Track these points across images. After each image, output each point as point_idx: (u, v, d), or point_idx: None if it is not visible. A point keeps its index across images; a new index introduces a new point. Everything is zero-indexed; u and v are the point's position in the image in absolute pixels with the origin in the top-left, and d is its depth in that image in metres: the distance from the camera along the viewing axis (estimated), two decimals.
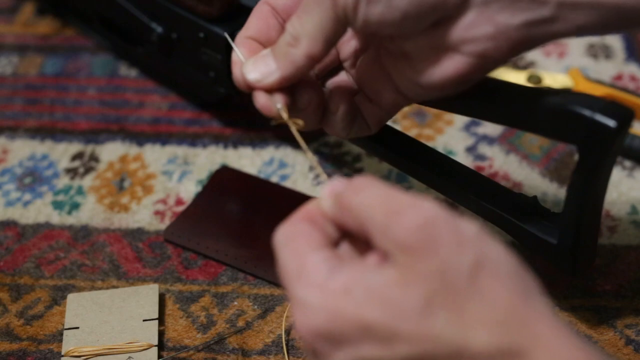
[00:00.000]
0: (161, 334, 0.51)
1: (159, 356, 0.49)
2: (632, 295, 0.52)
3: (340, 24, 0.39)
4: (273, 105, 0.41)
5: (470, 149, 0.63)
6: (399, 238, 0.32)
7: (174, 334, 0.51)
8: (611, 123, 0.39)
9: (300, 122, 0.41)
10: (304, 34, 0.40)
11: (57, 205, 0.61)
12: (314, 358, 0.34)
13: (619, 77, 0.70)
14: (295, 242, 0.34)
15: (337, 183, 0.35)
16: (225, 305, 0.53)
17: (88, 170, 0.64)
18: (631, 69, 0.70)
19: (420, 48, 0.40)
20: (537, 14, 0.37)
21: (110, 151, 0.65)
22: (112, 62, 0.74)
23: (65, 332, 0.50)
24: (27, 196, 0.62)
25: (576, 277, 0.52)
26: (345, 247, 0.35)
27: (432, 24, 0.39)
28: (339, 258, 0.33)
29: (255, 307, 0.53)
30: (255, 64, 0.41)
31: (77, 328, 0.51)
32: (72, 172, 0.63)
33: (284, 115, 0.41)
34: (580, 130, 0.40)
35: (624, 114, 0.40)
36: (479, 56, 0.39)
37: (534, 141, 0.64)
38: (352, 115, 0.46)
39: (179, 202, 0.60)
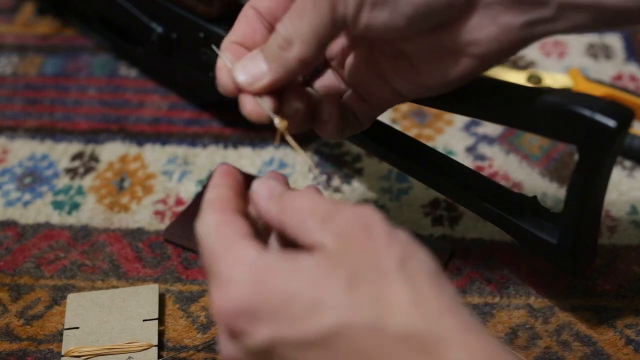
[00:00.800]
0: (161, 334, 0.51)
1: (159, 356, 0.49)
2: (632, 295, 0.52)
3: (337, 28, 0.38)
4: (262, 110, 0.40)
5: (470, 149, 0.63)
6: (338, 227, 0.33)
7: (174, 334, 0.51)
8: (611, 123, 0.39)
9: (285, 122, 0.41)
10: (297, 37, 0.39)
11: (57, 205, 0.61)
12: (230, 341, 0.34)
13: (619, 77, 0.70)
14: (222, 229, 0.36)
15: (273, 184, 0.38)
16: None
17: (88, 170, 0.64)
18: (631, 69, 0.70)
19: (421, 49, 0.40)
20: (539, 14, 0.37)
21: (110, 151, 0.65)
22: (112, 62, 0.74)
23: (65, 332, 0.50)
24: (27, 196, 0.62)
25: (576, 277, 0.52)
26: (273, 244, 0.37)
27: (435, 27, 0.38)
28: (265, 247, 0.35)
29: None
30: (245, 67, 0.40)
31: (77, 328, 0.51)
32: (72, 172, 0.63)
33: (275, 119, 0.40)
34: (580, 130, 0.40)
35: (624, 114, 0.40)
36: (482, 57, 0.39)
37: (534, 141, 0.64)
38: (344, 118, 0.46)
39: (179, 202, 0.60)
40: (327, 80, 0.47)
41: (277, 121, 0.40)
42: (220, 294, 0.33)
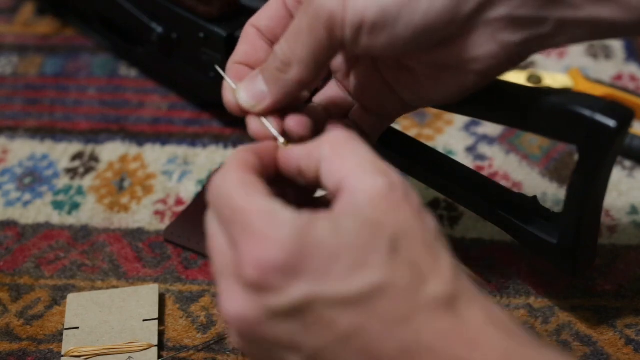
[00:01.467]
0: (161, 334, 0.51)
1: (159, 356, 0.49)
2: (632, 295, 0.52)
3: (334, 50, 0.38)
4: (267, 130, 0.40)
5: (470, 149, 0.64)
6: (380, 191, 0.34)
7: (174, 334, 0.51)
8: (611, 123, 0.39)
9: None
10: (294, 60, 0.38)
11: (57, 205, 0.61)
12: (250, 298, 0.33)
13: (618, 77, 0.70)
14: (251, 188, 0.35)
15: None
16: None
17: (88, 170, 0.64)
18: (631, 69, 0.70)
19: (426, 64, 0.40)
20: (537, 31, 0.38)
21: (110, 151, 0.65)
22: (112, 62, 0.74)
23: (65, 332, 0.50)
24: (27, 196, 0.62)
25: (576, 277, 0.52)
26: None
27: (437, 45, 0.38)
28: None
29: None
30: (247, 89, 0.41)
31: (77, 328, 0.51)
32: (72, 172, 0.63)
33: (280, 139, 0.40)
34: (580, 130, 0.40)
35: (624, 114, 0.40)
36: (482, 73, 0.39)
37: (534, 141, 0.64)
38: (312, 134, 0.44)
39: (179, 202, 0.60)
40: (332, 92, 0.47)
41: (282, 141, 0.40)
42: (257, 248, 0.32)
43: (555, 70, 0.70)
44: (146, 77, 0.72)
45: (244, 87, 0.41)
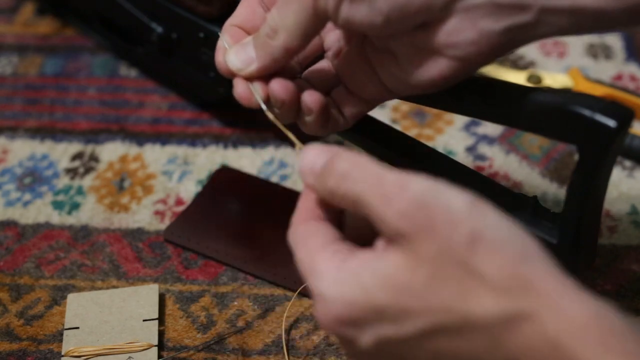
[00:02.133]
0: (161, 334, 0.51)
1: (159, 356, 0.49)
2: (632, 295, 0.52)
3: (320, 19, 0.39)
4: (252, 94, 0.42)
5: (470, 149, 0.63)
6: (393, 226, 0.33)
7: (174, 334, 0.51)
8: (611, 123, 0.39)
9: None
10: (282, 27, 0.40)
11: (57, 205, 0.61)
12: (343, 344, 0.36)
13: (619, 77, 0.70)
14: (305, 241, 0.36)
15: (313, 157, 0.37)
16: (225, 305, 0.53)
17: (88, 170, 0.64)
18: (631, 69, 0.70)
19: (405, 48, 0.41)
20: (519, 19, 0.38)
21: (110, 151, 0.65)
22: (112, 62, 0.74)
23: (65, 332, 0.50)
24: (27, 196, 0.62)
25: (576, 277, 0.52)
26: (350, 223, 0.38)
27: (416, 26, 0.39)
28: (348, 249, 0.35)
29: (255, 307, 0.53)
30: (237, 53, 0.42)
31: (77, 328, 0.51)
32: (72, 172, 0.63)
33: (262, 104, 0.42)
34: (580, 130, 0.40)
35: (624, 114, 0.40)
36: (462, 60, 0.39)
37: (534, 141, 0.64)
38: (327, 112, 0.46)
39: (179, 202, 0.60)
40: (321, 69, 0.47)
41: (265, 107, 0.42)
42: (320, 307, 0.34)
43: (555, 70, 0.70)
44: (146, 77, 0.72)
45: (234, 51, 0.43)
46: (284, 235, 0.57)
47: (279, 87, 0.42)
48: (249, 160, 0.64)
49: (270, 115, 0.42)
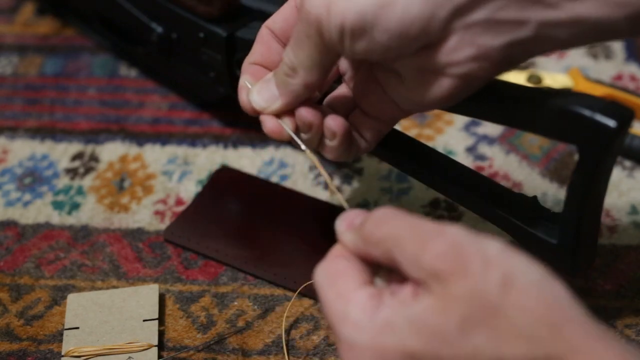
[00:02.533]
0: (161, 334, 0.51)
1: (159, 356, 0.49)
2: (632, 295, 0.52)
3: (331, 54, 0.40)
4: (282, 128, 0.44)
5: (470, 149, 0.64)
6: (429, 266, 0.33)
7: (174, 334, 0.51)
8: (611, 123, 0.39)
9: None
10: (299, 66, 0.41)
11: (57, 205, 0.61)
12: None
13: (619, 77, 0.70)
14: (336, 282, 0.36)
15: (353, 215, 0.37)
16: (225, 305, 0.53)
17: (88, 170, 0.64)
18: (631, 69, 0.70)
19: (410, 69, 0.41)
20: (518, 34, 0.38)
21: (110, 151, 0.65)
22: (112, 62, 0.74)
23: (65, 332, 0.50)
24: (27, 196, 0.62)
25: (576, 277, 0.52)
26: (380, 280, 0.37)
27: (418, 49, 0.39)
28: (379, 294, 0.34)
29: (255, 307, 0.53)
30: (260, 92, 0.44)
31: (77, 328, 0.51)
32: (72, 172, 0.63)
33: (294, 136, 0.44)
34: (580, 130, 0.40)
35: (624, 114, 0.40)
36: (465, 77, 0.39)
37: (534, 141, 0.64)
38: (350, 136, 0.46)
39: (179, 202, 0.60)
40: (341, 94, 0.48)
41: (298, 139, 0.44)
42: (347, 354, 0.34)
43: (555, 70, 0.70)
44: (146, 77, 0.72)
45: (257, 90, 0.44)
46: (284, 235, 0.57)
47: (306, 112, 0.44)
48: (249, 160, 0.64)
49: (309, 154, 0.44)
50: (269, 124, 0.44)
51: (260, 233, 0.57)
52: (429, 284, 0.33)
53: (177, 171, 0.63)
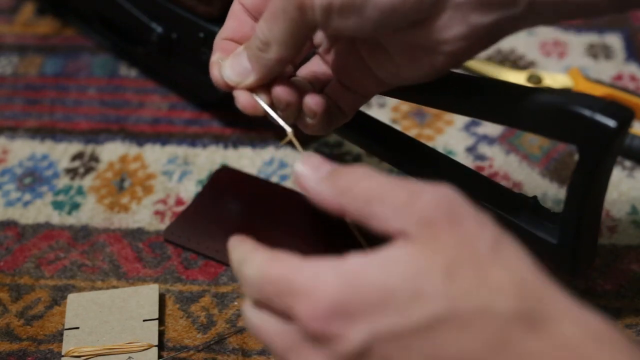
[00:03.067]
0: (161, 334, 0.51)
1: (159, 356, 0.49)
2: (632, 295, 0.52)
3: (309, 30, 0.40)
4: (255, 103, 0.43)
5: (470, 149, 0.64)
6: (422, 213, 0.32)
7: (174, 334, 0.51)
8: (611, 123, 0.39)
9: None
10: (273, 40, 0.40)
11: (57, 205, 0.61)
12: (317, 351, 0.33)
13: (619, 77, 0.70)
14: (280, 259, 0.34)
15: (317, 161, 0.36)
16: (225, 305, 0.53)
17: (88, 170, 0.64)
18: (631, 69, 0.70)
19: (397, 45, 0.41)
20: (508, 12, 0.38)
21: (110, 151, 0.65)
22: (112, 62, 0.74)
23: (65, 332, 0.50)
24: (27, 196, 0.62)
25: (576, 277, 0.52)
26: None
27: (408, 26, 0.39)
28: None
29: None
30: (232, 66, 0.43)
31: (77, 328, 0.51)
32: (72, 172, 0.63)
33: (269, 110, 0.43)
34: (580, 130, 0.40)
35: (624, 114, 0.40)
36: (453, 54, 0.40)
37: (534, 141, 0.64)
38: (328, 110, 0.46)
39: (179, 202, 0.60)
40: (315, 66, 0.47)
41: (272, 112, 0.43)
42: (307, 302, 0.32)
43: (555, 70, 0.70)
44: (146, 77, 0.72)
45: (229, 64, 0.43)
46: (284, 235, 0.57)
47: (283, 91, 0.43)
48: (249, 160, 0.64)
49: (279, 120, 0.43)
50: (242, 98, 0.43)
51: (260, 233, 0.57)
52: (415, 233, 0.32)
53: (177, 171, 0.63)
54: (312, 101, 0.44)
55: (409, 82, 0.43)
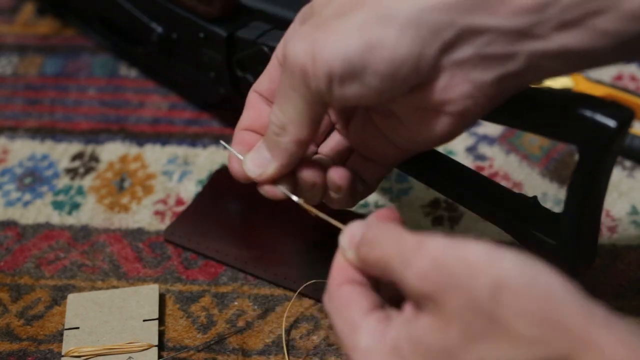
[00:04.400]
0: (161, 334, 0.51)
1: (159, 356, 0.49)
2: (632, 295, 0.52)
3: (320, 105, 0.39)
4: (280, 193, 0.43)
5: (470, 149, 0.64)
6: (415, 288, 0.33)
7: (174, 334, 0.51)
8: (611, 123, 0.39)
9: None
10: (287, 122, 0.40)
11: (57, 206, 0.61)
12: None
13: (619, 77, 0.70)
14: (344, 312, 0.35)
15: (355, 229, 0.37)
16: (226, 305, 0.53)
17: (88, 170, 0.64)
18: (631, 69, 0.70)
19: (407, 110, 0.41)
20: (508, 67, 0.37)
21: (110, 151, 0.65)
22: (112, 62, 0.74)
23: (65, 332, 0.50)
24: (27, 196, 0.62)
25: (576, 277, 0.52)
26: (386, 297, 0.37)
27: (411, 88, 0.38)
28: (386, 316, 0.34)
29: (255, 307, 0.53)
30: (252, 159, 0.42)
31: (77, 328, 0.51)
32: (72, 172, 0.63)
33: (296, 199, 0.43)
34: (580, 130, 0.40)
35: (624, 114, 0.40)
36: (462, 113, 0.39)
37: (534, 141, 0.64)
38: (353, 187, 0.45)
39: (179, 202, 0.60)
40: (335, 142, 0.47)
41: (301, 201, 0.43)
42: None
43: None
44: (146, 77, 0.72)
45: (250, 158, 0.43)
46: (284, 235, 0.57)
47: (307, 172, 0.43)
48: None
49: (310, 209, 0.43)
50: (267, 191, 0.43)
51: (260, 233, 0.57)
52: (424, 303, 0.33)
53: (177, 171, 0.63)
54: (337, 175, 0.43)
55: (426, 146, 0.43)
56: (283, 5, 0.59)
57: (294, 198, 0.43)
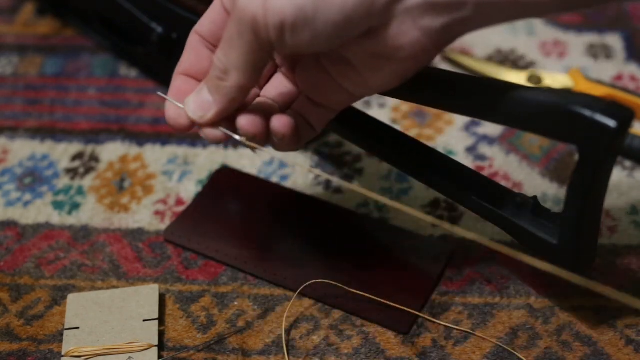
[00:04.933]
0: (161, 334, 0.51)
1: (159, 356, 0.49)
2: (632, 296, 0.52)
3: (266, 52, 0.39)
4: (221, 134, 0.43)
5: (470, 149, 0.64)
6: None
7: (174, 334, 0.52)
8: (611, 123, 0.39)
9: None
10: (231, 67, 0.40)
11: (57, 206, 0.61)
12: None
13: (619, 77, 0.70)
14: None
15: None
16: (226, 305, 0.53)
17: (88, 170, 0.64)
18: (631, 69, 0.70)
19: (358, 55, 0.41)
20: (456, 15, 0.38)
21: (111, 151, 0.65)
22: (112, 62, 0.74)
23: (65, 332, 0.51)
24: (27, 196, 0.62)
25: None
26: None
27: (363, 34, 0.39)
28: None
29: (255, 307, 0.53)
30: (195, 101, 0.43)
31: (77, 328, 0.51)
32: (72, 172, 0.63)
33: (237, 138, 0.43)
34: (581, 130, 0.40)
35: (624, 114, 0.40)
36: (411, 59, 0.40)
37: (534, 141, 0.64)
38: (297, 132, 0.46)
39: (179, 202, 0.60)
40: (279, 85, 0.47)
41: (244, 139, 0.43)
42: None
43: (555, 70, 0.70)
44: (146, 77, 0.72)
45: (192, 100, 0.43)
46: (284, 235, 0.57)
47: (247, 123, 0.43)
48: (249, 160, 0.64)
49: (253, 145, 0.43)
50: (209, 134, 0.43)
51: (261, 233, 0.57)
52: None
53: (177, 171, 0.63)
54: (279, 123, 0.43)
55: (376, 91, 0.44)
56: None
57: (236, 137, 0.43)
